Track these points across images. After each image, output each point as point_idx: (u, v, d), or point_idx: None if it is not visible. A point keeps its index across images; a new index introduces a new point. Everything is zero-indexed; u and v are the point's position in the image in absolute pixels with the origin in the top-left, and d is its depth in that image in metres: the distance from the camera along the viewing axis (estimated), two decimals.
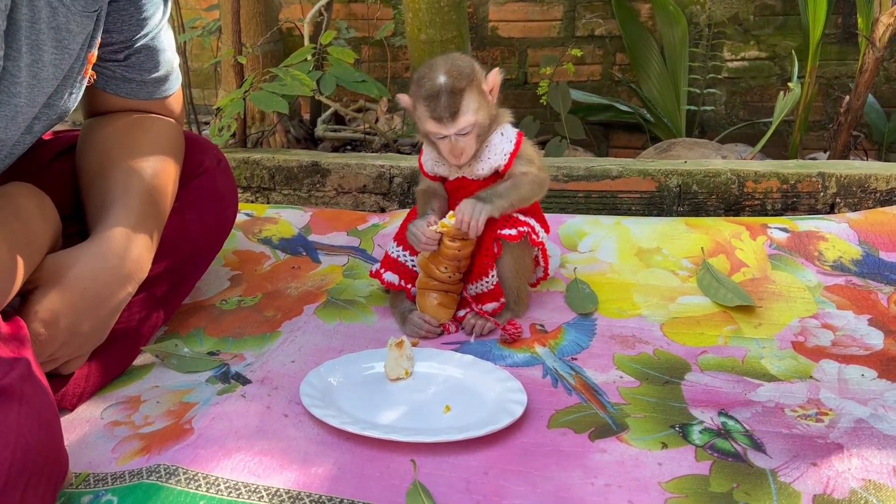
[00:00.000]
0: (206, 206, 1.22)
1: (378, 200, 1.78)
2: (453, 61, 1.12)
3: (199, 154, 1.23)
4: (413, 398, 1.00)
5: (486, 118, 1.13)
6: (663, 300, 1.27)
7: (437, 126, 1.10)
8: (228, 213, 1.29)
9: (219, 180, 1.26)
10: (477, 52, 2.76)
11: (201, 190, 1.21)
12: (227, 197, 1.28)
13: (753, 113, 2.67)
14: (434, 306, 1.17)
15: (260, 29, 2.14)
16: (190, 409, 0.98)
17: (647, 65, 2.56)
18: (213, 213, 1.24)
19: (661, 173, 1.64)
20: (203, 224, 1.21)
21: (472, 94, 1.10)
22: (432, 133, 1.12)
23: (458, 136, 1.11)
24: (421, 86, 1.11)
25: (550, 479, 0.83)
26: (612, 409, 0.97)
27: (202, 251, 1.24)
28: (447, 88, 1.08)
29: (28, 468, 0.72)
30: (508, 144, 1.16)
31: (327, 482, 0.83)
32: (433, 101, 1.09)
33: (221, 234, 1.28)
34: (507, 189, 1.15)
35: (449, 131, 1.10)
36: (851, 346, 1.11)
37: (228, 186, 1.29)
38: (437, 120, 1.10)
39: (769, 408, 0.96)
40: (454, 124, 1.09)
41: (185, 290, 1.23)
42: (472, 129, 1.11)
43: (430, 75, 1.10)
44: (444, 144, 1.12)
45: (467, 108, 1.10)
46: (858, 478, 0.81)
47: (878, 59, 1.93)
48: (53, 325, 0.92)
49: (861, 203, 1.59)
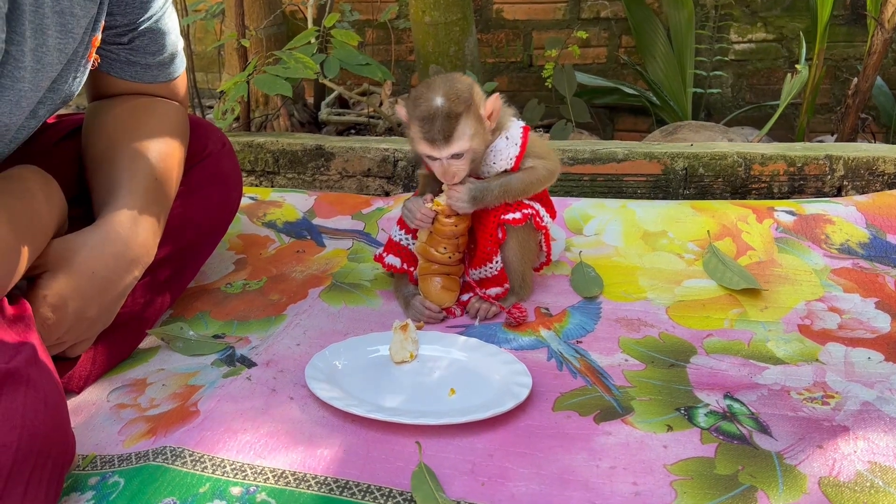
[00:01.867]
0: (211, 189, 1.22)
1: (382, 184, 1.77)
2: (452, 83, 1.08)
3: (204, 137, 1.23)
4: (418, 381, 1.00)
5: (482, 144, 1.10)
6: (669, 283, 1.26)
7: (430, 148, 1.08)
8: (233, 196, 1.29)
9: (223, 163, 1.25)
10: (481, 35, 2.74)
11: (205, 173, 1.21)
12: (231, 180, 1.27)
13: (760, 95, 2.65)
14: (437, 291, 1.17)
15: (263, 12, 2.12)
16: (196, 392, 0.98)
17: (652, 47, 2.54)
18: (217, 196, 1.23)
19: (667, 156, 1.63)
20: (208, 207, 1.21)
21: (468, 119, 1.07)
22: (424, 154, 1.10)
23: (450, 160, 1.09)
24: (417, 105, 1.08)
25: (555, 461, 0.83)
26: (617, 392, 0.97)
27: (207, 234, 1.24)
28: (443, 112, 1.05)
29: (35, 452, 0.72)
30: (514, 148, 1.14)
31: (333, 464, 0.83)
32: (428, 123, 1.06)
33: (226, 217, 1.28)
34: (504, 181, 1.14)
35: (441, 154, 1.08)
36: (858, 329, 1.11)
37: (233, 169, 1.28)
38: (430, 142, 1.07)
39: (775, 391, 0.96)
40: (447, 148, 1.07)
41: (190, 273, 1.23)
42: (466, 155, 1.09)
43: (426, 95, 1.07)
44: (437, 166, 1.10)
45: (462, 133, 1.07)
46: (864, 460, 0.81)
47: (887, 40, 1.91)
48: (61, 309, 0.92)
49: (868, 186, 1.58)
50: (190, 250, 1.19)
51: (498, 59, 2.79)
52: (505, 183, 1.14)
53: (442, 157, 1.08)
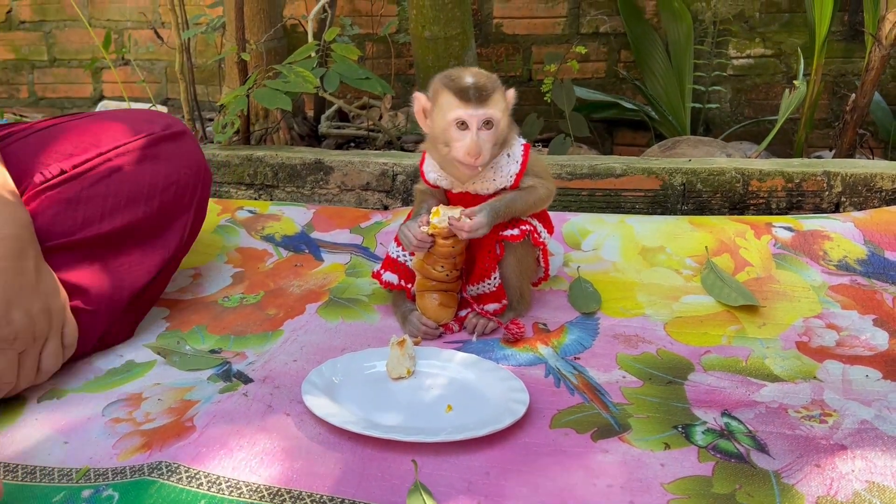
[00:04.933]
0: (146, 165, 1.21)
1: (381, 198, 1.77)
2: (479, 70, 1.15)
3: (149, 122, 1.23)
4: (415, 397, 1.00)
5: (503, 133, 1.13)
6: (667, 299, 1.26)
7: (467, 108, 1.09)
8: (179, 179, 1.25)
9: (164, 145, 1.24)
10: (481, 49, 2.75)
11: (145, 152, 1.21)
12: (175, 161, 1.25)
13: (759, 111, 2.66)
14: (435, 307, 1.17)
15: (264, 25, 2.13)
16: (191, 407, 0.98)
17: (651, 62, 2.55)
18: (153, 175, 1.21)
19: (665, 171, 1.64)
20: (141, 183, 1.19)
21: (499, 94, 1.12)
22: (457, 119, 1.09)
23: (480, 131, 1.09)
24: (451, 78, 1.12)
25: (552, 480, 0.83)
26: (614, 410, 0.96)
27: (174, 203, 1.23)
28: (483, 77, 1.12)
29: None
30: (514, 166, 1.16)
31: (329, 482, 0.83)
32: (464, 87, 1.09)
33: (174, 196, 1.24)
34: (508, 201, 1.15)
35: (477, 113, 1.09)
36: (856, 346, 1.11)
37: (176, 151, 1.26)
38: (467, 102, 1.09)
39: (773, 408, 0.95)
40: (483, 108, 1.09)
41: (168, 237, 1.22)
42: (495, 127, 1.10)
43: (460, 72, 1.13)
44: (465, 141, 1.09)
45: (497, 100, 1.11)
46: (862, 480, 0.81)
47: (885, 56, 1.92)
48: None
49: (866, 202, 1.59)
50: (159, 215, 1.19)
51: (497, 74, 2.80)
52: (510, 202, 1.15)
53: (477, 115, 1.09)
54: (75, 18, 3.08)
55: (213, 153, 1.85)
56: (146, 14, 2.99)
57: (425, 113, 1.15)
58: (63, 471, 0.86)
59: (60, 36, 3.17)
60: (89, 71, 3.08)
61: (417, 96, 1.16)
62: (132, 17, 3.04)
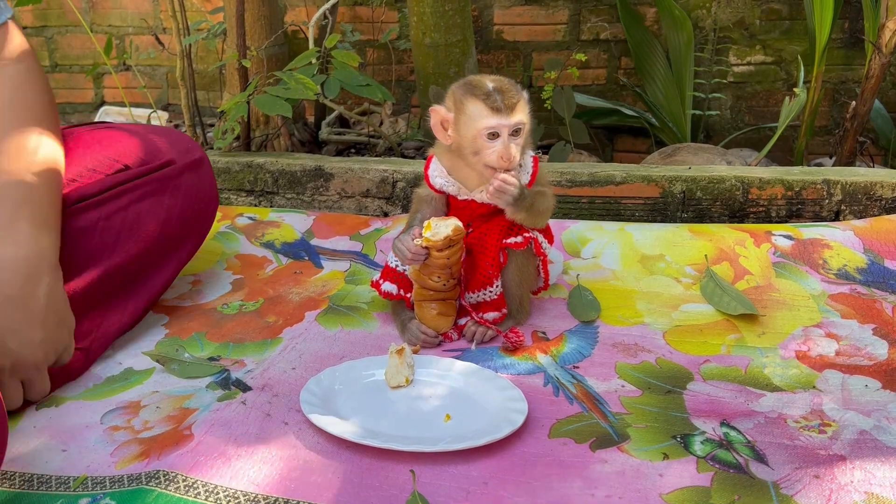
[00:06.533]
0: (164, 198, 1.21)
1: (381, 205, 1.77)
2: (497, 76, 1.15)
3: (169, 146, 1.23)
4: (413, 406, 1.00)
5: (529, 133, 1.14)
6: (666, 308, 1.26)
7: (497, 117, 1.09)
8: (196, 210, 1.27)
9: (185, 176, 1.24)
10: (481, 56, 2.75)
11: (165, 182, 1.21)
12: (194, 193, 1.26)
13: (759, 118, 2.66)
14: (433, 317, 1.17)
15: (264, 32, 2.13)
16: (190, 415, 0.98)
17: (652, 69, 2.55)
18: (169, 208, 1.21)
19: (664, 179, 1.64)
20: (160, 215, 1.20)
21: (524, 101, 1.13)
22: (488, 129, 1.10)
23: (511, 137, 1.11)
24: (475, 86, 1.12)
25: (551, 489, 0.83)
26: (613, 419, 0.96)
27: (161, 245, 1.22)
28: (509, 84, 1.13)
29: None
30: (525, 176, 1.17)
31: (327, 491, 0.82)
32: (492, 95, 1.10)
33: (189, 230, 1.26)
34: (535, 193, 1.16)
35: (509, 122, 1.10)
36: (855, 355, 1.11)
37: (197, 183, 1.27)
38: (497, 111, 1.09)
39: (772, 418, 0.95)
40: (512, 115, 1.10)
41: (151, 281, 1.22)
42: (522, 133, 1.12)
43: (482, 80, 1.13)
44: (496, 148, 1.11)
45: (522, 107, 1.12)
46: (861, 491, 0.81)
47: (885, 64, 1.92)
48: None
49: (866, 210, 1.59)
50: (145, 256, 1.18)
51: None
52: (534, 195, 1.15)
53: (509, 123, 1.10)
54: (77, 24, 3.09)
55: (213, 159, 1.85)
56: (147, 20, 3.00)
57: (444, 125, 1.15)
58: (61, 479, 0.86)
59: (62, 41, 3.18)
60: (90, 76, 3.08)
61: (435, 109, 1.15)
62: (133, 23, 3.04)
